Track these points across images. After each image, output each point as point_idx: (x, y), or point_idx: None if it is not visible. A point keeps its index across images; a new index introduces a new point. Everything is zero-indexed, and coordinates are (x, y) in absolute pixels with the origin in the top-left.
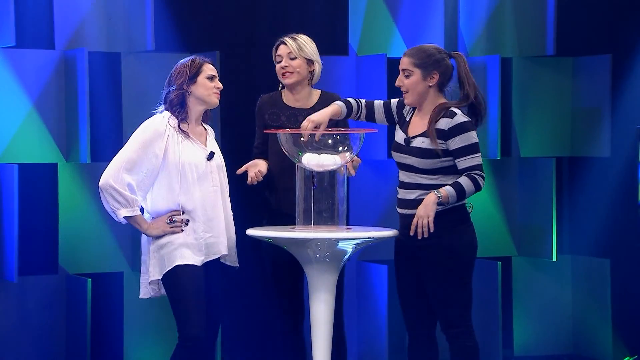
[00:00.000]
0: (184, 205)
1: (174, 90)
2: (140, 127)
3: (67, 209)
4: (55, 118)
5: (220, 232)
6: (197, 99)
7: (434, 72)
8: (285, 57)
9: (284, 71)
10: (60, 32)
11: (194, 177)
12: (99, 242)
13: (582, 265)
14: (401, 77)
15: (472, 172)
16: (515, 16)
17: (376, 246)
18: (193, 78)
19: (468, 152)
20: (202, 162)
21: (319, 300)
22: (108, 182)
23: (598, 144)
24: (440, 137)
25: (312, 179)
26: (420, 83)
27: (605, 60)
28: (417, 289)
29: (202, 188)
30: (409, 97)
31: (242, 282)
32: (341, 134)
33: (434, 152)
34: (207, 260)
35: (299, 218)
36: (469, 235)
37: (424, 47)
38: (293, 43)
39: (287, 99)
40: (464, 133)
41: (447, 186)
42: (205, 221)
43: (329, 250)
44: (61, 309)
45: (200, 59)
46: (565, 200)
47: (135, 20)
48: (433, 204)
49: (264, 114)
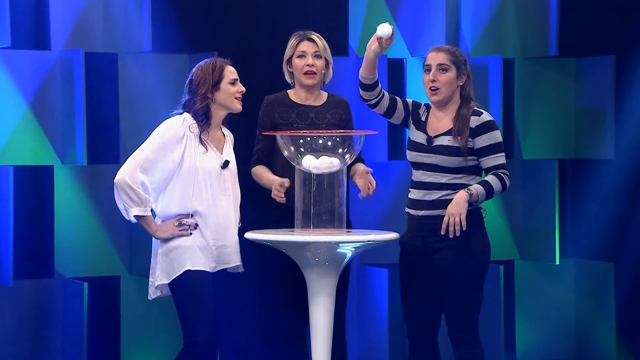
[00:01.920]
0: (196, 211)
1: (199, 101)
2: (161, 128)
3: (63, 212)
4: (52, 120)
5: (233, 242)
6: (220, 106)
7: (464, 73)
8: (311, 55)
9: (309, 70)
10: (57, 33)
11: (207, 184)
12: (96, 245)
13: (586, 269)
14: (435, 72)
15: (499, 170)
16: (517, 16)
17: (377, 250)
18: (216, 85)
19: (494, 150)
20: (216, 170)
21: (319, 305)
22: (124, 178)
23: (602, 146)
24: (471, 136)
25: (311, 181)
26: (454, 82)
27: (608, 61)
28: (425, 293)
29: (214, 196)
30: (440, 94)
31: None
32: (341, 136)
33: (460, 150)
34: (218, 268)
35: (298, 221)
36: (484, 239)
37: (453, 47)
38: (320, 42)
39: (296, 97)
40: (491, 131)
41: (477, 185)
42: (217, 229)
43: (328, 254)
44: (57, 314)
45: (221, 62)
46: (568, 203)
47: (133, 20)
48: (465, 202)
49: (272, 112)
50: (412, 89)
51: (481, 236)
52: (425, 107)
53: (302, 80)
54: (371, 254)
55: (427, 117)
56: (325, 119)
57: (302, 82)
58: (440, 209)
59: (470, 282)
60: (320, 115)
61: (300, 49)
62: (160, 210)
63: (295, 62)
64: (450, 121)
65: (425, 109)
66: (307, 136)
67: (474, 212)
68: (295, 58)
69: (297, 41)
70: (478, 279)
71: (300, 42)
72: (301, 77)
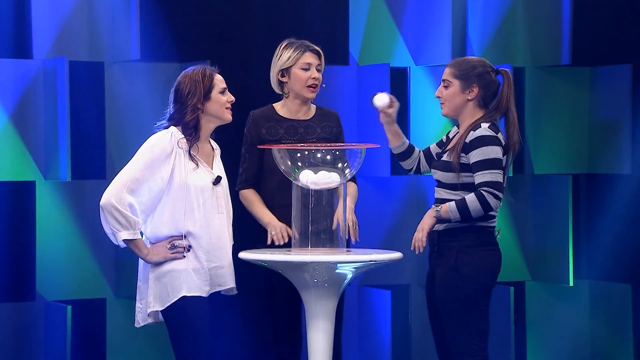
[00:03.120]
0: (188, 232)
1: (189, 113)
2: (147, 145)
3: (46, 230)
4: (33, 132)
5: (227, 262)
6: (211, 117)
7: (474, 86)
8: (315, 67)
9: (314, 83)
10: (39, 40)
11: (199, 203)
12: (80, 266)
13: (602, 291)
14: (440, 88)
15: (483, 188)
16: (528, 22)
17: (379, 270)
18: (207, 95)
19: (484, 166)
20: (208, 187)
21: (317, 329)
22: (110, 201)
23: (618, 160)
24: (463, 150)
25: (309, 198)
26: (458, 95)
27: (625, 70)
28: (435, 313)
29: (207, 215)
30: (444, 108)
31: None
32: (340, 150)
33: (451, 166)
34: (212, 291)
35: (295, 240)
36: (487, 259)
37: (467, 59)
38: (321, 55)
39: (284, 111)
40: (484, 146)
41: (452, 202)
42: (210, 250)
43: (327, 275)
44: (38, 339)
45: (209, 70)
46: (582, 221)
47: (120, 27)
48: (429, 218)
49: (260, 128)
50: (416, 99)
51: (483, 254)
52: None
53: (304, 93)
54: (373, 274)
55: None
56: (315, 133)
57: (303, 95)
58: (437, 224)
59: (467, 302)
60: (309, 130)
61: (304, 60)
62: (151, 232)
63: (297, 74)
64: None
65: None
66: (304, 150)
67: (480, 229)
68: (297, 69)
69: (299, 52)
70: (477, 299)
71: (304, 53)
72: (304, 90)
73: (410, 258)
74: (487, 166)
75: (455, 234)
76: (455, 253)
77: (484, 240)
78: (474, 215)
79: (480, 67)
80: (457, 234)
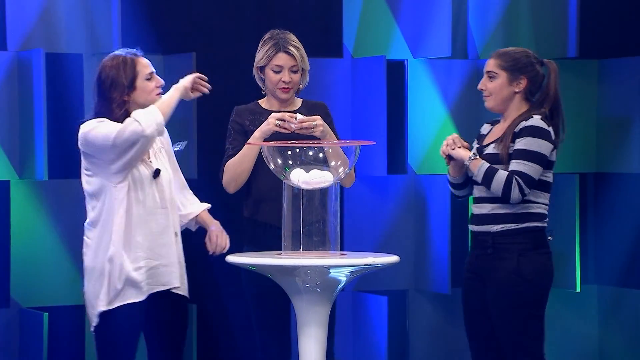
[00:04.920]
0: (127, 231)
1: (116, 108)
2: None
3: (21, 233)
4: (7, 128)
5: (171, 260)
6: (141, 107)
7: (522, 77)
8: (287, 69)
9: (285, 87)
10: (13, 31)
11: (139, 198)
12: (57, 271)
13: (611, 297)
14: (484, 80)
15: (515, 175)
16: (532, 13)
17: (374, 274)
18: (131, 85)
19: (524, 156)
20: (147, 180)
21: (309, 336)
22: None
23: (627, 158)
24: (512, 140)
25: (300, 198)
26: (505, 87)
27: (635, 63)
28: (480, 317)
29: (147, 210)
30: (490, 101)
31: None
32: (333, 147)
33: (499, 157)
34: (152, 291)
35: (286, 242)
36: (542, 262)
37: (513, 50)
38: (298, 53)
39: (268, 106)
40: (531, 137)
41: (485, 164)
42: (152, 247)
43: (320, 279)
44: (13, 348)
45: (130, 56)
46: (590, 222)
47: (100, 17)
48: (464, 154)
49: (243, 120)
50: (414, 93)
51: (538, 257)
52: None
53: (277, 94)
54: (368, 279)
55: (491, 130)
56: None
57: (276, 96)
58: (489, 224)
59: (523, 306)
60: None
61: (276, 62)
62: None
63: (269, 75)
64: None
65: (490, 126)
66: (295, 147)
67: (534, 230)
68: (269, 70)
69: (273, 51)
70: (532, 303)
71: (276, 54)
72: (276, 91)
73: (408, 262)
74: (527, 157)
75: (514, 235)
76: (516, 256)
77: (541, 242)
78: (492, 190)
79: (526, 57)
80: (515, 236)
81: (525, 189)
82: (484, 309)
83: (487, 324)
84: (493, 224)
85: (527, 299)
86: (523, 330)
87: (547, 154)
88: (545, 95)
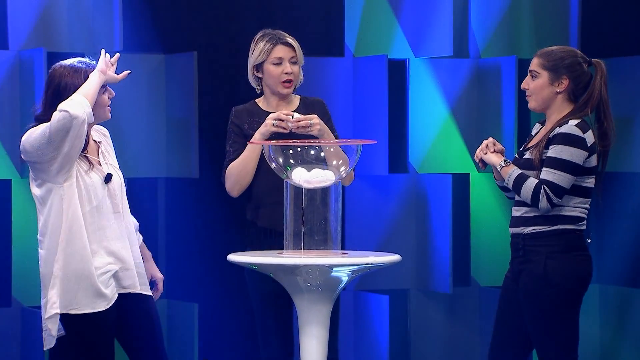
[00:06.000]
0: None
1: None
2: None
3: (23, 232)
4: (9, 128)
5: (130, 263)
6: (96, 119)
7: (564, 77)
8: (288, 61)
9: (288, 79)
10: (15, 30)
11: (92, 205)
12: None
13: (612, 296)
14: (527, 79)
15: (544, 184)
16: (533, 12)
17: (376, 274)
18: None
19: (553, 164)
20: (99, 187)
21: (311, 336)
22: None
23: (630, 157)
24: (546, 147)
25: (302, 197)
26: (546, 87)
27: (637, 62)
28: (511, 318)
29: (102, 217)
30: (532, 101)
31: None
32: (335, 146)
33: (532, 163)
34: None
35: (288, 241)
36: (577, 264)
37: (557, 48)
38: (296, 45)
39: (267, 106)
40: (563, 145)
41: (516, 170)
42: (110, 253)
43: (321, 278)
44: (15, 347)
45: (81, 65)
46: (592, 221)
47: (101, 16)
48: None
49: (242, 123)
50: (415, 92)
51: (573, 259)
52: (542, 122)
53: (278, 89)
54: (370, 278)
55: (540, 130)
56: None
57: (278, 92)
58: (522, 226)
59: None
60: None
61: (275, 54)
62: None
63: (269, 69)
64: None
65: (541, 126)
66: (297, 146)
67: (570, 232)
68: (269, 65)
69: (270, 45)
70: (565, 306)
71: (274, 46)
72: (278, 86)
73: (409, 261)
74: (557, 166)
75: (543, 237)
76: (543, 259)
77: (573, 245)
78: (521, 196)
79: (571, 57)
80: (544, 238)
81: (553, 198)
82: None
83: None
84: (524, 226)
85: (556, 301)
86: (550, 334)
87: (579, 162)
88: (589, 97)
